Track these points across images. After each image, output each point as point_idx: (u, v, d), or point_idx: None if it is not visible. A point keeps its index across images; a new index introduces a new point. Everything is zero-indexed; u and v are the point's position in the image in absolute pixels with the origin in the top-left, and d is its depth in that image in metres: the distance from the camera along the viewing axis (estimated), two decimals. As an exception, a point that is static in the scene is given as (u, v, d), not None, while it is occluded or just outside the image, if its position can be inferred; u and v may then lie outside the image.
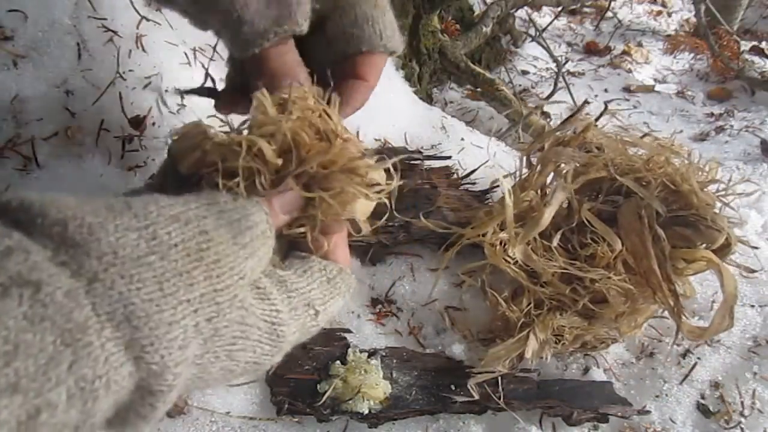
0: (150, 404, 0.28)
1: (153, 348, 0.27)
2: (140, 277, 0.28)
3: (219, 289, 0.31)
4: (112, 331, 0.26)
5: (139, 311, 0.27)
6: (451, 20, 1.42)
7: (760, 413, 0.71)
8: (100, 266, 0.27)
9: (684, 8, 2.42)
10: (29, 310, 0.23)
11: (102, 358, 0.25)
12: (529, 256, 0.72)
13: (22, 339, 0.22)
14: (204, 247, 0.31)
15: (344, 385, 0.66)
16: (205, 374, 0.32)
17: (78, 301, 0.25)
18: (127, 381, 0.26)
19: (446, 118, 1.12)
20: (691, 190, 0.71)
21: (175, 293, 0.28)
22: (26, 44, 0.81)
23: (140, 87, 0.83)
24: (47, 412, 0.23)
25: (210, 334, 0.30)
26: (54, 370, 0.23)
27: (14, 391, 0.22)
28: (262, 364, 0.35)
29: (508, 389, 0.69)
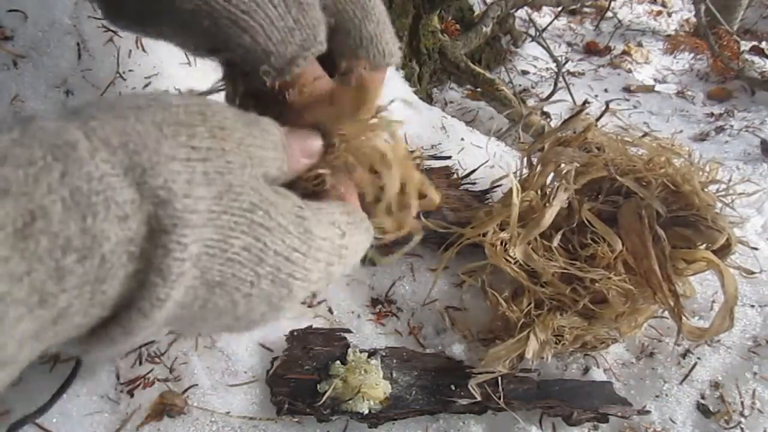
0: (163, 247, 0.25)
1: (154, 171, 0.25)
2: (137, 118, 0.26)
3: (227, 150, 0.29)
4: (108, 154, 0.24)
5: (137, 140, 0.25)
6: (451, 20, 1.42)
7: (760, 413, 0.71)
8: (95, 111, 0.26)
9: (684, 8, 2.42)
10: (18, 135, 0.23)
11: (96, 174, 0.23)
12: (530, 256, 0.72)
13: (10, 152, 0.22)
14: (207, 113, 0.29)
15: (344, 385, 0.66)
16: (227, 254, 0.28)
17: (69, 129, 0.24)
18: (132, 210, 0.24)
19: (446, 118, 1.12)
20: (692, 191, 0.71)
21: (174, 136, 0.27)
22: (26, 44, 0.81)
23: (140, 87, 0.83)
24: (43, 220, 0.22)
25: (224, 188, 0.28)
26: (45, 177, 0.22)
27: (4, 195, 0.21)
28: (292, 261, 0.31)
29: (508, 389, 0.69)
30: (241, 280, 0.30)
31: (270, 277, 0.30)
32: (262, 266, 0.30)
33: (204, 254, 0.28)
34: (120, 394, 0.64)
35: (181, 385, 0.66)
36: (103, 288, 0.25)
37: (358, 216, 0.38)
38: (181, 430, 0.63)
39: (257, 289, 0.30)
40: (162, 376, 0.66)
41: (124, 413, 0.63)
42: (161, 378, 0.66)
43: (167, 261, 0.25)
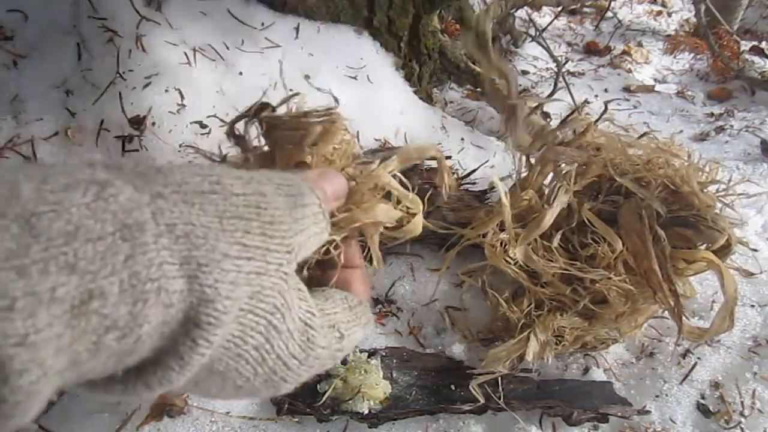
0: (192, 341, 0.26)
1: (208, 269, 0.26)
2: (201, 207, 0.27)
3: (270, 250, 0.30)
4: (170, 242, 0.25)
5: (199, 232, 0.26)
6: (451, 20, 1.42)
7: (760, 413, 0.71)
8: (164, 189, 0.27)
9: (684, 8, 2.42)
10: (92, 202, 0.23)
11: (156, 261, 0.24)
12: (530, 256, 0.72)
13: (84, 223, 0.23)
14: (262, 205, 0.31)
15: (344, 385, 0.66)
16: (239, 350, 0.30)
17: (140, 206, 0.25)
18: (178, 300, 0.25)
19: (446, 118, 1.12)
20: (691, 192, 0.71)
21: (232, 231, 0.28)
22: (26, 44, 0.81)
23: (140, 87, 0.83)
24: (99, 301, 0.22)
25: (256, 289, 0.29)
26: (110, 259, 0.23)
27: (72, 272, 0.22)
28: (288, 367, 0.33)
29: (508, 389, 0.69)
30: (240, 375, 0.31)
31: (264, 377, 0.32)
32: (262, 366, 0.31)
33: (221, 347, 0.29)
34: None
35: (181, 385, 0.66)
36: (127, 360, 0.26)
37: (360, 309, 0.40)
38: (181, 430, 0.63)
39: (249, 384, 0.32)
40: (162, 376, 0.66)
41: (124, 413, 0.63)
42: (161, 378, 0.66)
43: (191, 353, 0.27)
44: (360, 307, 0.40)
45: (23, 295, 0.20)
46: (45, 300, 0.21)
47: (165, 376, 0.27)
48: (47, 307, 0.21)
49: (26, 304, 0.20)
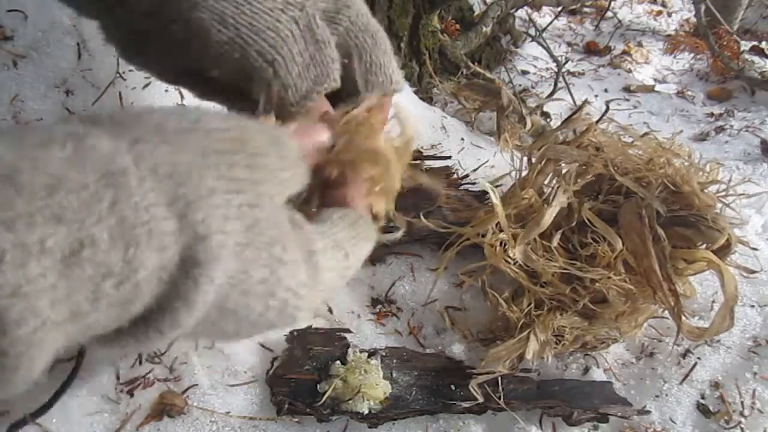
0: (193, 280, 0.26)
1: (197, 206, 0.26)
2: (183, 146, 0.27)
3: (259, 181, 0.30)
4: (155, 183, 0.25)
5: (182, 170, 0.26)
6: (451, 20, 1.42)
7: (760, 413, 0.71)
8: (143, 133, 0.26)
9: (684, 8, 2.42)
10: (72, 154, 0.23)
11: (143, 204, 0.24)
12: (529, 256, 0.72)
13: (64, 175, 0.23)
14: (245, 138, 0.31)
15: (344, 385, 0.66)
16: (245, 285, 0.30)
17: (120, 152, 0.25)
18: (171, 241, 0.25)
19: (446, 118, 1.12)
20: (691, 191, 0.71)
21: (216, 166, 0.28)
22: (26, 44, 0.81)
23: (140, 87, 0.83)
24: (90, 248, 0.23)
25: (251, 222, 0.29)
26: (96, 205, 0.23)
27: (58, 222, 0.22)
28: (299, 296, 0.32)
29: (508, 389, 0.69)
30: (252, 310, 0.31)
31: (278, 309, 0.32)
32: (273, 299, 0.31)
33: (225, 284, 0.29)
34: (120, 394, 0.64)
35: (181, 385, 0.66)
36: (130, 308, 0.25)
37: (363, 225, 0.39)
38: (181, 430, 0.63)
39: (264, 318, 0.32)
40: (162, 376, 0.66)
41: (124, 413, 0.63)
42: (161, 378, 0.66)
43: (195, 292, 0.26)
44: (361, 221, 0.39)
45: (12, 247, 0.21)
46: (34, 251, 0.21)
47: (174, 319, 0.27)
48: (37, 257, 0.21)
49: (16, 256, 0.21)
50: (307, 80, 0.40)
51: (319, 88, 0.41)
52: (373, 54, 0.45)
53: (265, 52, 0.38)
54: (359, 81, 0.45)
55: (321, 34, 0.41)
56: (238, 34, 0.37)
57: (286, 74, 0.39)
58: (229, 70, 0.39)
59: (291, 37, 0.39)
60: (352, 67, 0.45)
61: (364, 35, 0.44)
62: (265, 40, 0.38)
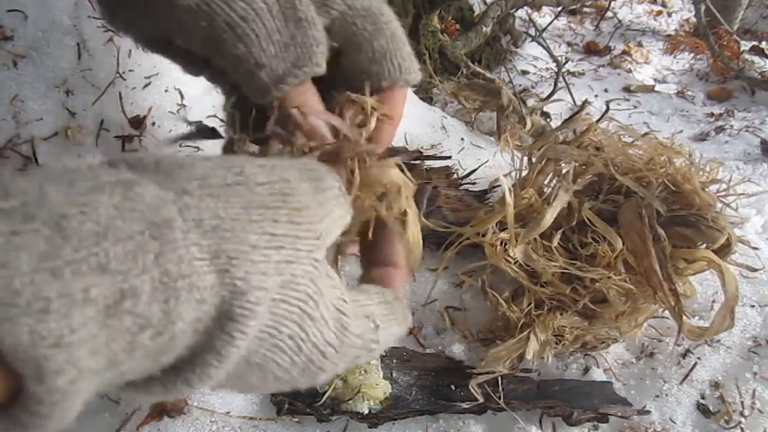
0: (228, 334, 0.26)
1: (238, 262, 0.26)
2: (228, 200, 0.27)
3: (299, 237, 0.30)
4: (199, 237, 0.25)
5: (226, 225, 0.26)
6: (451, 20, 1.42)
7: (760, 413, 0.71)
8: (188, 185, 0.26)
9: (684, 8, 2.42)
10: (120, 202, 0.23)
11: (186, 257, 0.24)
12: (530, 255, 0.72)
13: (112, 224, 0.23)
14: (287, 191, 0.30)
15: (344, 385, 0.66)
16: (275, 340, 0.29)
17: (166, 203, 0.25)
18: (209, 295, 0.25)
19: (446, 118, 1.12)
20: (692, 191, 0.71)
21: (260, 222, 0.28)
22: (26, 44, 0.81)
23: (140, 87, 0.83)
24: (131, 300, 0.22)
25: (288, 278, 0.29)
26: (141, 257, 0.23)
27: (103, 272, 0.22)
28: (324, 355, 0.32)
29: (508, 389, 0.69)
30: (278, 366, 0.30)
31: (302, 367, 0.31)
32: (299, 355, 0.31)
33: (256, 338, 0.28)
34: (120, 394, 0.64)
35: (181, 385, 0.66)
36: (163, 358, 0.26)
37: (396, 305, 0.38)
38: (181, 430, 0.63)
39: (288, 374, 0.31)
40: (162, 376, 0.66)
41: (124, 413, 0.63)
42: (161, 378, 0.66)
43: (228, 347, 0.26)
44: (397, 302, 0.38)
45: (57, 297, 0.20)
46: (79, 301, 0.21)
47: (204, 372, 0.27)
48: (81, 307, 0.21)
49: (61, 306, 0.20)
50: (284, 61, 0.37)
51: (298, 72, 0.37)
52: (375, 41, 0.41)
53: (235, 25, 0.35)
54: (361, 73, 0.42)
55: (304, 12, 0.37)
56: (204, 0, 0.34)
57: (259, 52, 0.36)
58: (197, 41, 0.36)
59: (266, 11, 0.36)
60: (351, 57, 0.41)
61: (364, 21, 0.41)
62: (235, 11, 0.35)
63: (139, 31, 0.41)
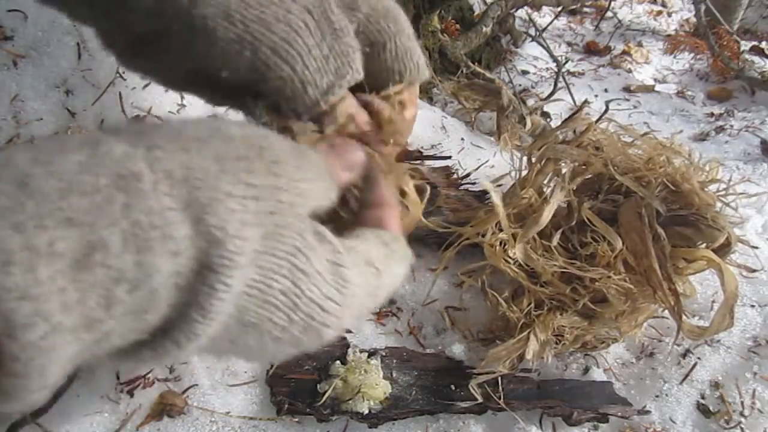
0: (209, 286, 0.25)
1: (212, 210, 0.25)
2: (200, 151, 0.27)
3: (279, 188, 0.29)
4: (169, 187, 0.25)
5: (198, 174, 0.26)
6: (451, 20, 1.42)
7: (760, 413, 0.71)
8: (159, 140, 0.26)
9: (684, 8, 2.42)
10: (86, 159, 0.23)
11: (156, 208, 0.24)
12: (529, 255, 0.72)
13: (76, 179, 0.23)
14: (264, 145, 0.29)
15: (344, 385, 0.66)
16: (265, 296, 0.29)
17: (135, 157, 0.25)
18: (186, 246, 0.25)
19: (446, 118, 1.12)
20: (692, 190, 0.71)
21: (233, 172, 0.27)
22: (26, 44, 0.81)
23: (140, 87, 0.83)
24: (102, 252, 0.22)
25: (270, 229, 0.28)
26: (108, 208, 0.23)
27: (69, 225, 0.22)
28: (326, 310, 0.31)
29: (508, 389, 0.69)
30: (274, 324, 0.30)
31: (302, 324, 0.30)
32: (296, 312, 0.30)
33: (244, 294, 0.28)
34: (120, 394, 0.64)
35: (181, 385, 0.66)
36: (146, 317, 0.25)
37: (396, 244, 0.37)
38: (181, 430, 0.63)
39: (288, 333, 0.30)
40: (162, 376, 0.66)
41: (124, 413, 0.63)
42: (161, 378, 0.66)
43: (211, 300, 0.26)
44: (396, 242, 0.37)
45: (20, 249, 0.20)
46: (43, 253, 0.21)
47: (191, 330, 0.26)
48: (47, 260, 0.21)
49: (24, 258, 0.20)
50: (327, 74, 0.37)
51: (341, 81, 0.38)
52: (397, 40, 0.42)
53: (279, 48, 0.35)
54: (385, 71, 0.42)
55: (338, 21, 0.38)
56: (246, 30, 0.35)
57: (303, 70, 0.36)
58: (240, 70, 0.37)
59: (305, 27, 0.36)
60: (375, 56, 0.42)
61: (386, 21, 0.41)
62: (277, 34, 0.35)
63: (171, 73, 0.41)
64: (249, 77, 0.37)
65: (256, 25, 0.35)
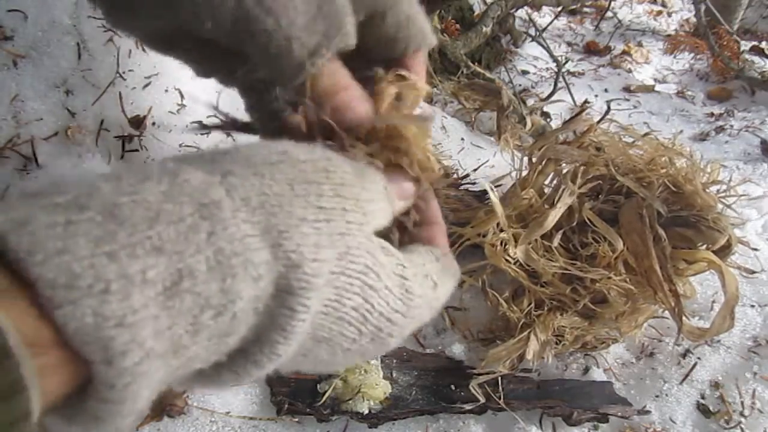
0: (289, 308, 0.26)
1: (289, 235, 0.26)
2: (272, 177, 0.27)
3: (347, 210, 0.30)
4: (248, 214, 0.25)
5: (273, 201, 0.27)
6: (451, 20, 1.42)
7: (760, 413, 0.71)
8: (233, 166, 0.27)
9: (684, 8, 2.42)
10: (168, 188, 0.24)
11: (238, 235, 0.25)
12: (530, 256, 0.72)
13: (162, 208, 0.23)
14: (330, 168, 0.30)
15: (344, 385, 0.66)
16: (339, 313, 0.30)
17: (213, 185, 0.25)
18: (265, 271, 0.25)
19: (446, 118, 1.12)
20: (693, 191, 0.71)
21: (305, 196, 0.28)
22: (26, 44, 0.81)
23: (140, 87, 0.83)
24: (189, 279, 0.23)
25: (343, 250, 0.29)
26: (194, 237, 0.23)
27: (159, 254, 0.22)
28: (393, 322, 0.32)
29: (508, 389, 0.69)
30: (346, 338, 0.31)
31: (371, 336, 0.32)
32: (366, 326, 0.31)
33: (320, 312, 0.29)
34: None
35: (181, 385, 0.66)
36: (228, 340, 0.26)
37: (447, 261, 0.39)
38: (181, 430, 0.63)
39: (357, 345, 0.32)
40: (162, 376, 0.66)
41: (124, 413, 0.63)
42: (161, 378, 0.66)
43: (291, 321, 0.26)
44: (446, 258, 0.39)
45: (116, 278, 0.21)
46: (137, 282, 0.21)
47: (272, 350, 0.27)
48: (140, 288, 0.21)
49: (120, 287, 0.21)
50: (315, 34, 0.36)
51: (329, 43, 0.36)
52: (399, 8, 0.40)
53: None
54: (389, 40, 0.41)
55: None
56: None
57: (288, 24, 0.35)
58: (225, 24, 0.35)
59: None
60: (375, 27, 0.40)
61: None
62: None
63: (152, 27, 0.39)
64: (233, 32, 0.36)
65: None
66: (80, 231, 0.21)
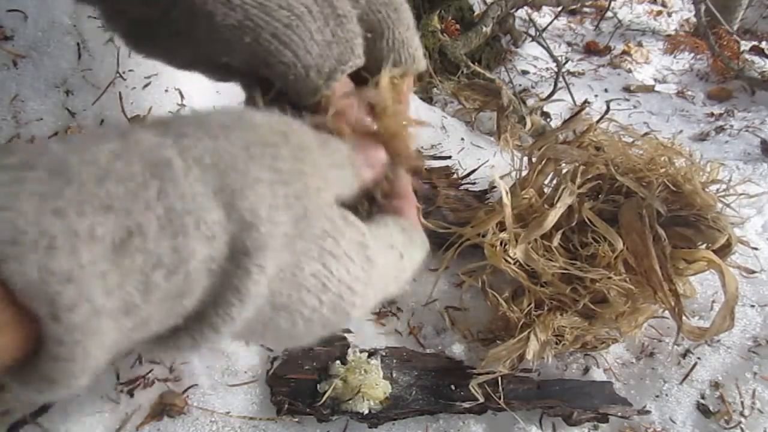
0: (243, 269, 0.26)
1: (243, 194, 0.26)
2: (227, 138, 0.27)
3: (305, 173, 0.30)
4: (200, 173, 0.25)
5: (227, 160, 0.26)
6: (451, 20, 1.42)
7: (760, 413, 0.71)
8: (186, 128, 0.27)
9: (684, 8, 2.42)
10: (118, 148, 0.24)
11: (189, 194, 0.24)
12: (530, 256, 0.72)
13: (112, 166, 0.23)
14: (288, 132, 0.30)
15: (344, 385, 0.66)
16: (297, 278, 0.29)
17: (164, 145, 0.25)
18: (219, 230, 0.25)
19: (446, 118, 1.12)
20: (693, 191, 0.71)
21: (260, 157, 0.28)
22: (26, 44, 0.81)
23: (140, 87, 0.83)
24: (139, 237, 0.23)
25: (300, 213, 0.29)
26: (143, 194, 0.23)
27: (107, 211, 0.22)
28: (354, 291, 0.32)
29: (508, 389, 0.69)
30: (305, 305, 0.31)
31: (332, 305, 0.32)
32: (326, 293, 0.31)
33: (276, 277, 0.28)
34: (120, 394, 0.64)
35: (181, 385, 0.66)
36: (183, 302, 0.25)
37: (414, 232, 0.39)
38: (181, 430, 0.63)
39: (318, 314, 0.31)
40: (162, 376, 0.66)
41: (124, 413, 0.63)
42: (161, 378, 0.66)
43: (246, 282, 0.26)
44: (414, 230, 0.39)
45: (62, 234, 0.21)
46: (85, 238, 0.21)
47: (227, 313, 0.26)
48: (88, 245, 0.21)
49: (67, 242, 0.21)
50: (329, 59, 0.37)
51: (344, 67, 0.38)
52: (396, 30, 0.42)
53: (280, 34, 0.35)
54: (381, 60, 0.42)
55: (341, 7, 0.38)
56: (246, 16, 0.34)
57: (305, 55, 0.36)
58: (242, 56, 0.37)
59: (307, 13, 0.36)
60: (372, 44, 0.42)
61: (387, 9, 0.41)
62: (279, 20, 0.35)
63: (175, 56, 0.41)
64: (251, 62, 0.37)
65: (256, 11, 0.34)
66: (26, 189, 0.21)
